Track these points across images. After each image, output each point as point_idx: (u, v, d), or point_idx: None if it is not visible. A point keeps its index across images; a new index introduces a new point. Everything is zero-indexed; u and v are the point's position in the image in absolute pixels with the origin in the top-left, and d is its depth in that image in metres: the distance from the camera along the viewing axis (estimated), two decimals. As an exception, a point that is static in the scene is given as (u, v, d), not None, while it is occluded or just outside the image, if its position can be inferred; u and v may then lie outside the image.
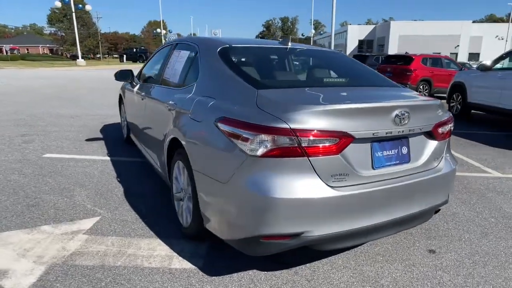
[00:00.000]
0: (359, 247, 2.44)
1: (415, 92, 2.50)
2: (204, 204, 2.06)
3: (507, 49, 41.06)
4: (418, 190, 2.02)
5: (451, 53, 43.15)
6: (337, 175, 1.75)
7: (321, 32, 35.22)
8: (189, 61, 2.79)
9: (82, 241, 2.41)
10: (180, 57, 2.96)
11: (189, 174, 2.23)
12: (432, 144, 2.14)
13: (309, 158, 1.69)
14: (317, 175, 1.72)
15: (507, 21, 76.87)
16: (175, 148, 2.56)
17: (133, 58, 45.08)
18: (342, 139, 1.73)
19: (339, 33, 56.47)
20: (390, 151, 1.94)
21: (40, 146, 4.73)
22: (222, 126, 1.89)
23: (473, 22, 47.68)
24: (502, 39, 41.91)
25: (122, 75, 4.10)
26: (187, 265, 2.18)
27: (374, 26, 54.49)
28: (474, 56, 44.07)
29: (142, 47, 60.64)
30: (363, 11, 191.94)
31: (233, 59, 2.43)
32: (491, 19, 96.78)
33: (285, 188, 1.67)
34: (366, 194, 1.80)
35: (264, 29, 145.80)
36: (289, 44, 2.75)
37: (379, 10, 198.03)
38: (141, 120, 3.57)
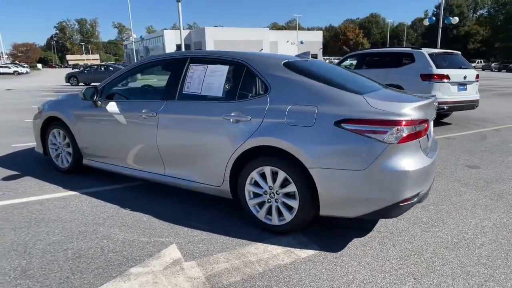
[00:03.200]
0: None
1: None
2: (327, 194, 2.44)
3: (299, 51, 50.75)
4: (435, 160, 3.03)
5: (257, 56, 50.27)
6: (425, 149, 2.54)
7: (133, 37, 33.42)
8: (238, 76, 2.93)
9: (197, 267, 2.32)
10: (215, 72, 3.01)
11: (293, 174, 2.53)
12: (431, 128, 3.21)
13: (419, 139, 2.41)
14: (422, 150, 2.46)
15: (287, 28, 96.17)
16: (251, 158, 2.73)
17: None
18: (427, 124, 2.53)
19: (156, 37, 56.37)
20: (428, 131, 2.87)
21: None
22: (348, 126, 2.35)
23: (270, 29, 57.04)
24: (293, 43, 52.10)
25: (90, 93, 3.55)
26: (310, 252, 2.51)
27: (189, 31, 57.01)
28: (274, 57, 52.63)
29: None
30: (168, 16, 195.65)
31: (306, 72, 2.80)
32: (275, 26, 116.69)
33: (413, 162, 2.34)
34: (432, 161, 2.66)
35: (57, 31, 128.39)
36: (310, 57, 3.30)
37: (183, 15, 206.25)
38: (143, 139, 3.30)
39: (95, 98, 3.59)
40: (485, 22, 65.30)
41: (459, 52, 8.03)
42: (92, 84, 23.43)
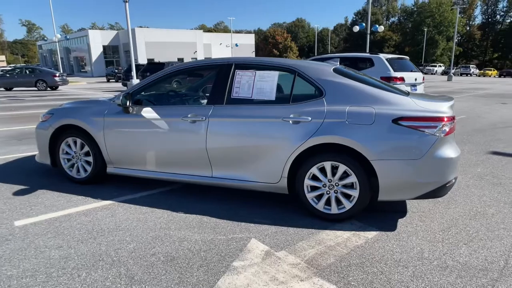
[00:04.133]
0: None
1: None
2: (387, 182, 2.86)
3: (233, 54, 51.22)
4: None
5: (192, 58, 49.71)
6: (453, 141, 3.11)
7: (56, 37, 29.20)
8: (289, 81, 3.20)
9: (290, 255, 2.57)
10: (265, 78, 3.24)
11: (354, 167, 2.91)
12: None
13: (454, 132, 2.96)
14: (454, 141, 3.02)
15: (216, 31, 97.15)
16: (310, 155, 3.04)
17: None
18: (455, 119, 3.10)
19: (80, 37, 52.23)
20: None
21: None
22: (405, 123, 2.80)
23: (204, 31, 56.75)
24: (228, 46, 52.54)
25: (126, 100, 3.48)
26: (373, 233, 2.91)
27: (117, 31, 53.94)
28: (208, 59, 52.33)
29: None
30: (85, 15, 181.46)
31: (352, 77, 3.19)
32: (203, 28, 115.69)
33: (453, 151, 2.88)
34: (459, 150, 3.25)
35: None
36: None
37: (99, 14, 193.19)
38: (190, 143, 3.38)
39: (128, 104, 3.54)
40: (396, 28, 73.31)
41: (408, 57, 9.21)
42: (15, 88, 21.07)
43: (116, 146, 3.72)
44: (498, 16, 66.23)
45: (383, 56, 8.37)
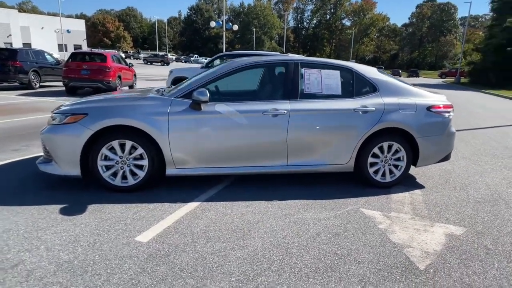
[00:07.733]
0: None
1: None
2: (424, 153, 3.99)
3: (63, 41, 43.71)
4: None
5: (5, 43, 40.20)
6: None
7: None
8: (349, 78, 3.89)
9: (398, 212, 3.38)
10: (330, 76, 3.84)
11: (404, 144, 3.92)
12: None
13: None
14: None
15: (23, 11, 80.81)
16: (372, 138, 3.87)
17: None
18: None
19: None
20: None
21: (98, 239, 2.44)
22: (434, 110, 3.99)
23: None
24: (57, 31, 44.55)
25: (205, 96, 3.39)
26: (418, 191, 4.02)
27: None
28: (27, 45, 43.54)
29: None
30: None
31: (388, 75, 4.11)
32: (3, 6, 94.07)
33: (454, 128, 4.26)
34: None
35: None
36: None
37: None
38: (270, 136, 3.64)
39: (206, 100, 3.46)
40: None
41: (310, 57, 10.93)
42: None
43: (185, 146, 3.53)
44: (305, 23, 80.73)
45: (291, 55, 9.74)
